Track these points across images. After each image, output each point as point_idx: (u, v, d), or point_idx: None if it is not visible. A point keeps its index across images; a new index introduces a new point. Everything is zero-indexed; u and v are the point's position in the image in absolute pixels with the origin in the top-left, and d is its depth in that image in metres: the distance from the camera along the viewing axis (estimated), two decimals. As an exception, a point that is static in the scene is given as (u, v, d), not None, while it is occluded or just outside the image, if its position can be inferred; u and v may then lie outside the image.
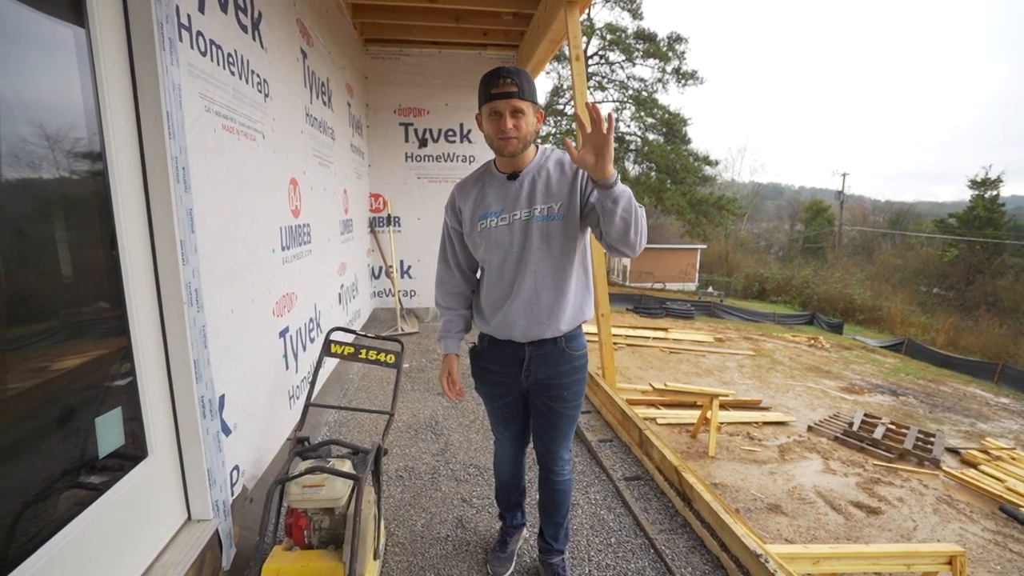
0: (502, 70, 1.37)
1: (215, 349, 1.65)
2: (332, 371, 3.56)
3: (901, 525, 5.60)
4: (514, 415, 1.73)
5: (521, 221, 1.48)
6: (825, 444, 7.60)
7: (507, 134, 1.39)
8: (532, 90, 1.41)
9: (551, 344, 1.56)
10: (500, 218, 1.49)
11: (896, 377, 13.17)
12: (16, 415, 1.09)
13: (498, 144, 1.42)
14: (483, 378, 1.70)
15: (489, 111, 1.40)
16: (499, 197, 1.50)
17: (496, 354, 1.63)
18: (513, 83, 1.36)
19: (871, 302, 24.89)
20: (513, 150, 1.42)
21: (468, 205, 1.56)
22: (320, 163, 3.38)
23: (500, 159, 1.51)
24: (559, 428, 1.66)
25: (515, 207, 1.48)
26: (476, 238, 1.54)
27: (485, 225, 1.51)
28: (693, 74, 24.74)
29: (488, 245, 1.52)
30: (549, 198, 1.46)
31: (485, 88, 1.39)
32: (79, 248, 1.28)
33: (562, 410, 1.63)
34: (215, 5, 1.78)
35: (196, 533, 1.53)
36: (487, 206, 1.51)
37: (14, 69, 1.06)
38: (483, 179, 1.57)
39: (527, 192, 1.48)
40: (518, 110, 1.38)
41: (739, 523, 1.91)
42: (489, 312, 1.59)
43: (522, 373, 1.59)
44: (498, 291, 1.54)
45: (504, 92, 1.36)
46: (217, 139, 1.75)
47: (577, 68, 3.57)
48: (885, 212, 46.59)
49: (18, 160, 1.08)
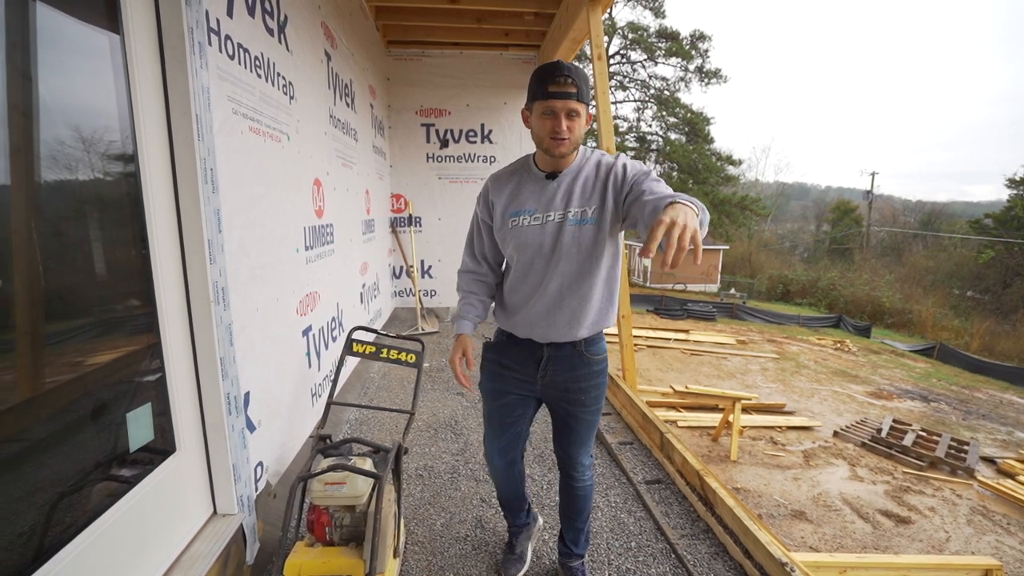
0: (562, 66, 1.30)
1: (240, 347, 1.68)
2: (353, 370, 3.60)
3: (933, 536, 5.42)
4: (510, 420, 1.65)
5: (555, 223, 1.44)
6: (852, 450, 7.39)
7: (560, 135, 1.33)
8: (588, 91, 1.35)
9: (570, 347, 1.53)
10: (533, 217, 1.45)
11: (927, 382, 12.75)
12: (54, 408, 1.13)
13: (548, 144, 1.36)
14: (494, 372, 1.64)
15: (544, 109, 1.33)
16: (535, 196, 1.46)
17: (514, 350, 1.60)
18: (573, 83, 1.29)
19: (901, 305, 24.14)
20: (564, 151, 1.37)
21: (502, 200, 1.50)
22: (343, 164, 3.43)
23: (543, 157, 1.45)
24: (578, 433, 1.64)
25: (550, 207, 1.44)
26: (506, 234, 1.50)
27: (517, 223, 1.47)
28: (716, 72, 24.39)
29: (518, 243, 1.47)
30: (585, 201, 1.42)
31: (541, 84, 1.32)
32: (112, 247, 1.31)
33: (581, 415, 1.60)
34: (243, 9, 1.81)
35: (221, 527, 1.56)
36: (521, 203, 1.47)
37: (54, 75, 1.10)
38: (520, 174, 1.51)
39: (564, 193, 1.44)
40: (574, 111, 1.32)
41: (763, 530, 1.87)
42: (512, 309, 1.56)
43: (538, 373, 1.56)
44: (524, 290, 1.51)
45: (563, 92, 1.29)
46: (244, 141, 1.79)
47: (599, 68, 3.54)
48: (916, 212, 45.10)
49: (57, 162, 1.12)
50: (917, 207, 48.05)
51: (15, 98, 1.00)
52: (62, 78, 1.13)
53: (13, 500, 1.00)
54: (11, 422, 1.02)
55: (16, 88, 1.00)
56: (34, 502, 1.04)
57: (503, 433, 1.67)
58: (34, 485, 1.05)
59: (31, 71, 1.04)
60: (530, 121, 1.40)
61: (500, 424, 1.67)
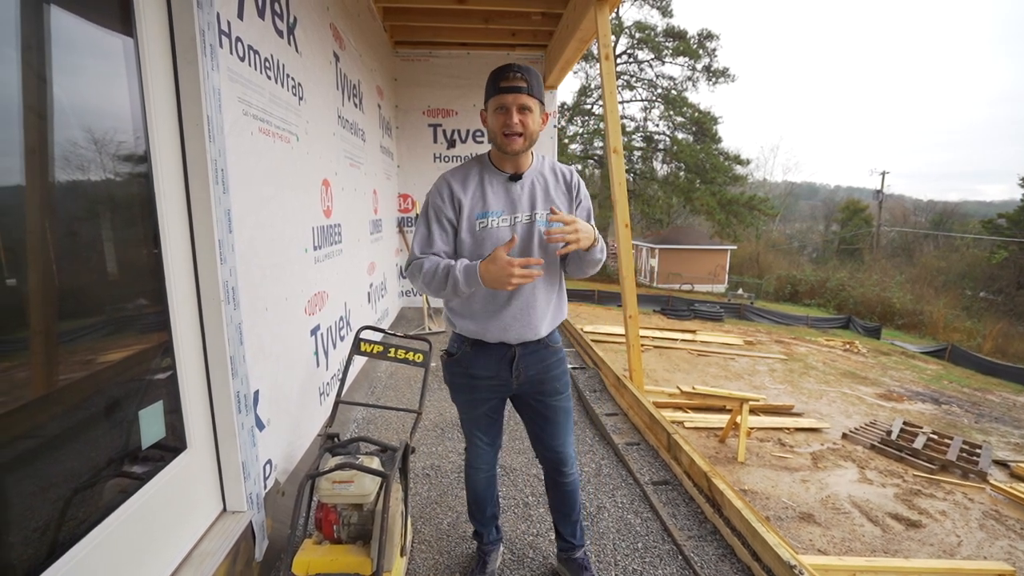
0: (512, 65, 1.37)
1: (250, 346, 1.70)
2: (360, 369, 3.62)
3: (944, 540, 5.36)
4: (495, 418, 1.69)
5: (523, 224, 1.48)
6: (861, 452, 7.33)
7: (512, 130, 1.37)
8: (540, 89, 1.41)
9: (535, 342, 1.58)
10: (501, 219, 1.47)
11: (938, 384, 12.61)
12: (68, 404, 1.14)
13: (501, 140, 1.40)
14: (465, 385, 1.62)
15: (496, 105, 1.39)
16: (499, 197, 1.48)
17: (482, 358, 1.57)
18: (522, 78, 1.35)
19: (911, 306, 23.88)
20: (518, 148, 1.41)
21: (467, 200, 1.48)
22: (351, 164, 3.45)
23: (500, 157, 1.49)
24: (559, 423, 1.66)
25: (516, 209, 1.48)
26: (476, 236, 1.48)
27: (486, 224, 1.47)
28: (724, 71, 24.28)
29: (490, 245, 1.46)
30: (548, 203, 1.49)
31: (493, 82, 1.39)
32: (125, 247, 1.33)
33: (557, 404, 1.64)
34: (253, 11, 1.83)
35: (231, 524, 1.58)
36: (488, 205, 1.48)
37: (70, 78, 1.11)
38: (481, 175, 1.51)
39: (528, 195, 1.49)
40: (525, 106, 1.37)
41: (771, 532, 1.86)
42: (482, 314, 1.53)
43: (512, 374, 1.57)
44: (495, 293, 1.49)
45: (513, 86, 1.35)
46: (254, 142, 1.81)
47: (606, 68, 3.54)
48: (928, 212, 44.64)
49: (71, 163, 1.14)
50: (928, 206, 47.55)
51: (30, 99, 1.01)
52: (77, 80, 1.15)
53: (28, 495, 1.02)
54: (26, 419, 1.04)
55: (31, 90, 1.02)
56: (48, 497, 1.06)
57: (490, 428, 1.71)
58: (48, 481, 1.07)
59: (46, 73, 1.05)
60: (487, 121, 1.45)
61: (487, 424, 1.70)
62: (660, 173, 26.27)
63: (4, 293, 1.00)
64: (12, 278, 1.02)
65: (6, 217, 1.01)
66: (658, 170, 26.44)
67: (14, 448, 1.00)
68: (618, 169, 3.60)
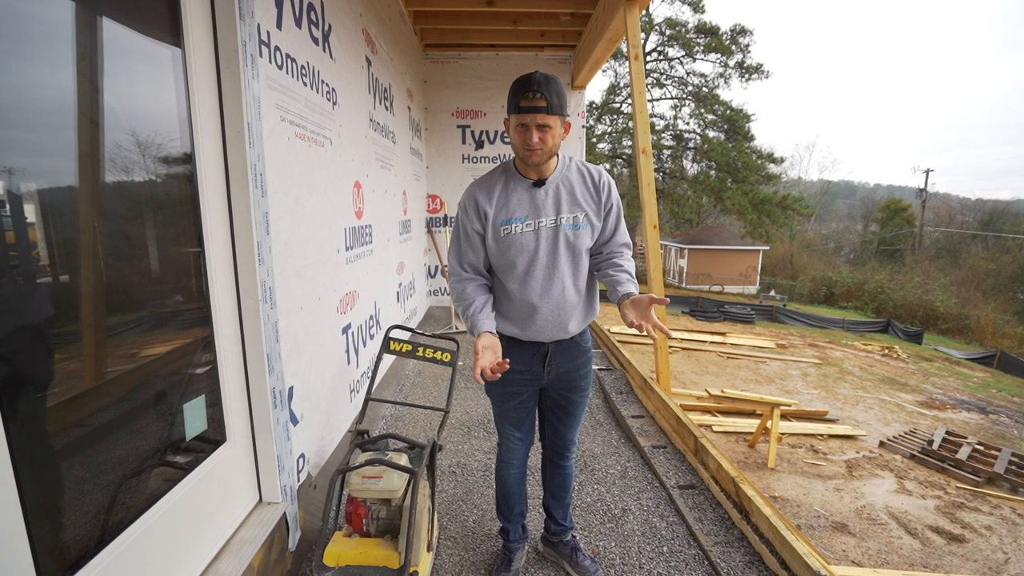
0: (532, 81, 1.36)
1: (285, 343, 1.76)
2: (389, 367, 3.69)
3: (989, 556, 5.11)
4: (526, 413, 1.76)
5: (548, 228, 1.52)
6: (899, 462, 7.05)
7: (532, 147, 1.42)
8: (561, 103, 1.41)
9: (568, 340, 1.65)
10: (525, 224, 1.52)
11: (985, 393, 12.01)
12: (116, 396, 1.21)
13: (524, 154, 1.45)
14: (503, 379, 1.62)
15: (517, 122, 1.42)
16: (524, 203, 1.53)
17: (516, 352, 1.63)
18: (542, 97, 1.36)
19: (956, 310, 22.79)
20: (538, 161, 1.46)
21: (492, 208, 1.54)
22: (382, 166, 3.52)
23: (522, 164, 1.53)
24: (575, 417, 1.77)
25: (540, 214, 1.52)
26: (500, 243, 1.54)
27: (510, 230, 1.52)
28: (758, 68, 23.65)
29: (515, 251, 1.53)
30: (574, 207, 1.53)
31: (514, 98, 1.40)
32: (170, 246, 1.40)
33: (579, 399, 1.74)
34: (291, 21, 1.89)
35: (266, 514, 1.65)
36: (511, 211, 1.53)
37: (122, 85, 1.18)
38: (505, 183, 1.56)
39: (552, 200, 1.53)
40: (545, 125, 1.39)
41: (802, 541, 1.82)
42: (516, 316, 1.59)
43: (544, 368, 1.65)
44: (526, 296, 1.55)
45: (533, 107, 1.37)
46: (290, 146, 1.87)
47: (636, 67, 3.51)
48: (976, 211, 42.49)
49: (121, 167, 1.21)
50: (977, 205, 45.31)
51: (85, 106, 1.08)
52: (129, 88, 1.22)
53: (81, 481, 1.09)
54: (78, 409, 1.11)
55: (86, 97, 1.08)
56: (99, 483, 1.13)
57: (522, 423, 1.76)
58: (99, 468, 1.14)
59: (99, 81, 1.12)
60: (510, 131, 1.48)
61: (519, 419, 1.76)
62: (690, 172, 25.77)
63: (58, 289, 1.07)
64: (65, 274, 1.09)
65: (61, 217, 1.08)
66: (688, 169, 25.94)
67: (68, 435, 1.07)
68: (647, 170, 3.57)
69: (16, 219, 0.96)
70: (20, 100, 0.95)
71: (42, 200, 1.02)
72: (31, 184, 0.99)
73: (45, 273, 1.06)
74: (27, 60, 0.96)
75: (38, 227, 1.02)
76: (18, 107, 0.95)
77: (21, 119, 0.96)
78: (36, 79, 0.98)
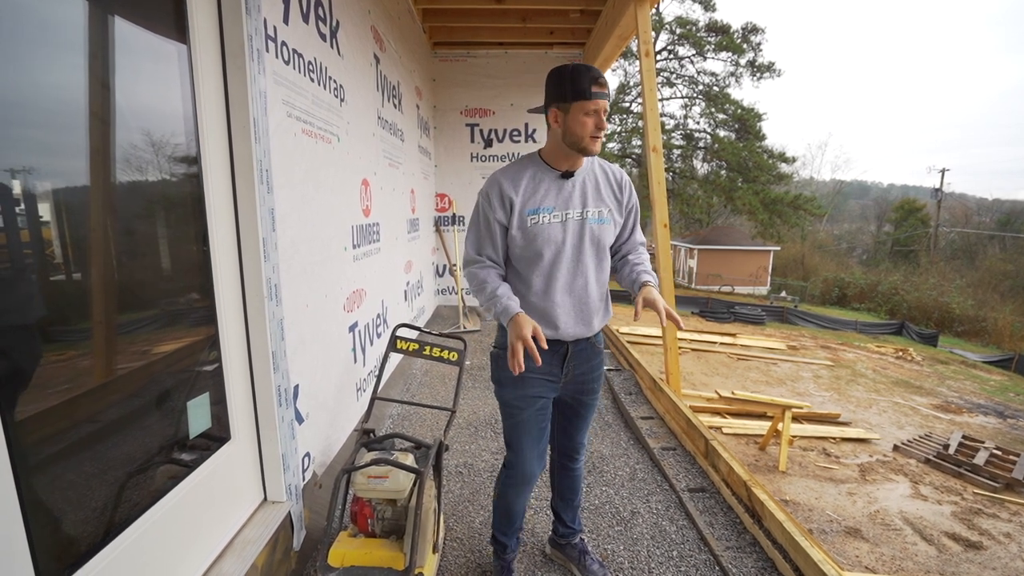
0: (593, 68, 1.40)
1: (291, 341, 1.75)
2: (396, 366, 3.68)
3: (1008, 564, 4.99)
4: (545, 424, 1.66)
5: (575, 220, 1.50)
6: (914, 466, 6.92)
7: (601, 134, 1.42)
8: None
9: (585, 340, 1.61)
10: (553, 215, 1.49)
11: (1003, 396, 11.77)
12: (125, 392, 1.21)
13: (588, 142, 1.42)
14: (517, 379, 1.55)
15: (585, 109, 1.39)
16: (552, 194, 1.50)
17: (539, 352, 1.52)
18: (606, 83, 1.41)
19: (973, 312, 22.38)
20: (598, 149, 1.46)
21: (520, 197, 1.49)
22: (390, 164, 3.51)
23: (555, 155, 1.49)
24: (586, 419, 1.75)
25: (568, 206, 1.50)
26: (526, 232, 1.49)
27: (537, 220, 1.48)
28: (769, 66, 23.42)
29: (542, 240, 1.48)
30: (599, 202, 1.53)
31: (580, 84, 1.37)
32: (177, 244, 1.39)
33: (591, 401, 1.71)
34: (298, 16, 1.88)
35: (271, 513, 1.63)
36: (539, 202, 1.49)
37: (130, 83, 1.17)
38: (533, 173, 1.52)
39: (579, 192, 1.51)
40: (607, 110, 1.43)
41: (815, 546, 1.77)
42: (537, 310, 1.54)
43: (562, 370, 1.59)
44: (549, 289, 1.52)
45: (604, 93, 1.39)
46: (297, 143, 1.86)
47: (646, 65, 3.47)
48: (993, 212, 41.73)
49: (129, 165, 1.20)
50: (994, 205, 44.52)
51: (95, 105, 1.07)
52: (136, 86, 1.21)
53: (89, 477, 1.08)
54: (88, 405, 1.10)
55: (96, 96, 1.08)
56: (106, 479, 1.12)
57: (541, 438, 1.66)
58: (102, 465, 1.13)
59: (109, 80, 1.11)
60: (562, 121, 1.43)
61: (539, 430, 1.65)
62: (700, 172, 25.58)
63: (70, 286, 1.06)
64: (78, 272, 1.09)
65: (73, 215, 1.07)
66: (698, 168, 25.75)
67: (78, 431, 1.06)
68: (657, 168, 3.53)
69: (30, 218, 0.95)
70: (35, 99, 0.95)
71: (56, 199, 1.02)
72: (45, 183, 0.99)
73: (59, 271, 1.06)
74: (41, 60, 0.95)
75: (52, 225, 1.01)
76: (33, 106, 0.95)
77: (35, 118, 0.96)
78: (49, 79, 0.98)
